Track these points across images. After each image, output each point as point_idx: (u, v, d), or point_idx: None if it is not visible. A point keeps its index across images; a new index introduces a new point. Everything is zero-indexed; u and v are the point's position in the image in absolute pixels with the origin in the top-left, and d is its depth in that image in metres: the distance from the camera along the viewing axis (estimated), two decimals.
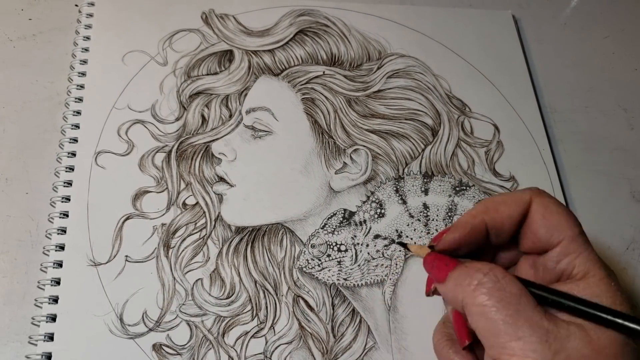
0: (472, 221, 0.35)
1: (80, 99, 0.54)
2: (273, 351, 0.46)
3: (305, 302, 0.48)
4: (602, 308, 0.30)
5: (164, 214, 0.50)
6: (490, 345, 0.30)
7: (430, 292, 0.37)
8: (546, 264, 0.35)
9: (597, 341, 0.30)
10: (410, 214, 0.51)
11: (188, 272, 0.48)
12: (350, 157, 0.53)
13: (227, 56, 0.58)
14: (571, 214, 0.35)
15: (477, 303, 0.31)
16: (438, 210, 0.51)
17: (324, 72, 0.57)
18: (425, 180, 0.53)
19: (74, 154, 0.51)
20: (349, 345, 0.46)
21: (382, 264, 0.49)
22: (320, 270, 0.49)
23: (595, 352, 0.29)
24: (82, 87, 0.55)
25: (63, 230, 0.48)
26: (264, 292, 0.48)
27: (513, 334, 0.29)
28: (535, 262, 0.36)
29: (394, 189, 0.52)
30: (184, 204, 0.50)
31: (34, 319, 0.45)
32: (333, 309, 0.48)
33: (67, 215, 0.49)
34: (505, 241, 0.37)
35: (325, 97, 0.55)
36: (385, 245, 0.50)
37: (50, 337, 0.44)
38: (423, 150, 0.55)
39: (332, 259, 0.49)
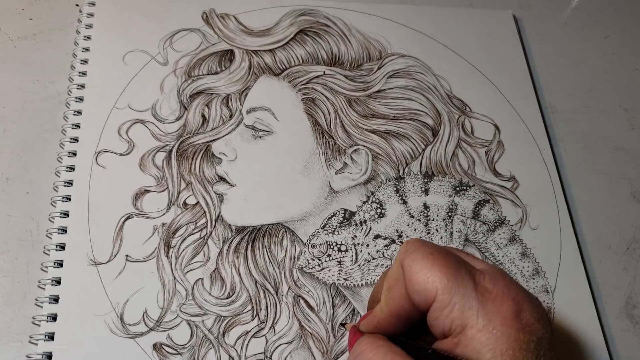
0: (377, 318, 0.35)
1: (80, 99, 0.54)
2: (273, 351, 0.46)
3: (306, 302, 0.48)
4: None
5: (164, 214, 0.50)
6: None
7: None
8: (429, 324, 0.33)
9: None
10: (410, 214, 0.51)
11: (188, 271, 0.48)
12: (351, 157, 0.53)
13: (227, 56, 0.58)
14: (440, 259, 0.32)
15: None
16: (438, 210, 0.51)
17: (324, 72, 0.57)
18: (425, 180, 0.53)
19: (74, 154, 0.51)
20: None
21: (383, 264, 0.49)
22: (321, 270, 0.49)
23: None
24: (82, 86, 0.55)
25: (63, 230, 0.48)
26: (264, 292, 0.48)
27: None
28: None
29: (394, 189, 0.52)
30: (185, 203, 0.51)
31: (34, 318, 0.45)
32: (333, 308, 0.48)
33: (68, 215, 0.49)
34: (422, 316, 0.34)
35: (326, 97, 0.55)
36: (386, 246, 0.50)
37: (51, 337, 0.44)
38: (423, 150, 0.55)
39: (333, 259, 0.49)
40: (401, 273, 0.33)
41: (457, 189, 0.53)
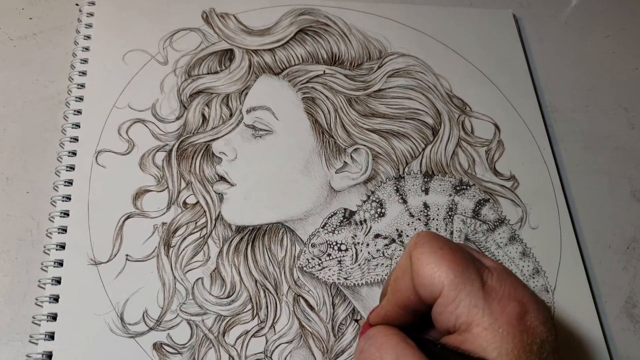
0: (385, 309, 0.35)
1: (80, 98, 0.54)
2: (273, 350, 0.46)
3: (306, 301, 0.48)
4: None
5: (164, 213, 0.50)
6: None
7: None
8: (434, 318, 0.33)
9: None
10: (410, 213, 0.51)
11: (188, 271, 0.48)
12: (351, 156, 0.53)
13: (227, 55, 0.58)
14: (448, 254, 0.32)
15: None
16: (438, 209, 0.51)
17: (324, 71, 0.57)
18: (425, 179, 0.53)
19: (74, 153, 0.51)
20: (349, 344, 0.47)
21: (383, 264, 0.49)
22: (321, 269, 0.49)
23: None
24: (82, 86, 0.55)
25: (64, 229, 0.48)
26: (264, 292, 0.48)
27: None
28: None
29: (395, 188, 0.52)
30: (185, 203, 0.51)
31: (34, 318, 0.45)
32: (333, 308, 0.48)
33: (68, 214, 0.49)
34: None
35: (326, 97, 0.55)
36: (386, 245, 0.50)
37: (51, 336, 0.44)
38: (423, 149, 0.55)
39: (333, 258, 0.49)
40: (409, 265, 0.33)
41: (457, 188, 0.53)
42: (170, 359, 0.45)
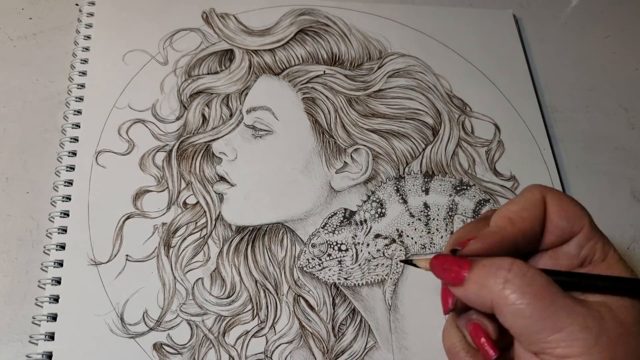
0: (502, 232, 0.34)
1: (80, 98, 0.54)
2: (274, 351, 0.46)
3: (306, 301, 0.48)
4: (634, 280, 0.32)
5: (164, 213, 0.50)
6: (531, 342, 0.30)
7: (450, 309, 0.35)
8: (569, 252, 0.35)
9: (625, 319, 0.30)
10: (410, 213, 0.51)
11: (188, 271, 0.48)
12: (351, 156, 0.53)
13: (227, 55, 0.58)
14: (579, 202, 0.36)
15: (509, 303, 0.30)
16: (439, 209, 0.51)
17: (324, 71, 0.57)
18: (425, 179, 0.53)
19: (74, 153, 0.51)
20: (349, 344, 0.46)
21: (383, 264, 0.49)
22: (321, 269, 0.49)
23: (627, 330, 0.30)
24: (82, 86, 0.55)
25: (64, 230, 0.48)
26: (264, 292, 0.48)
27: (553, 327, 0.29)
28: (555, 253, 0.35)
29: (395, 188, 0.52)
30: (185, 203, 0.50)
31: (34, 318, 0.45)
32: (334, 308, 0.48)
33: (68, 215, 0.49)
34: (534, 246, 0.35)
35: (326, 97, 0.55)
36: (386, 245, 0.50)
37: (51, 337, 0.44)
38: (424, 149, 0.55)
39: (333, 259, 0.49)
40: (541, 200, 0.34)
41: (458, 188, 0.53)
42: (171, 359, 0.45)
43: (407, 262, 0.38)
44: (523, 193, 0.36)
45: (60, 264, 0.46)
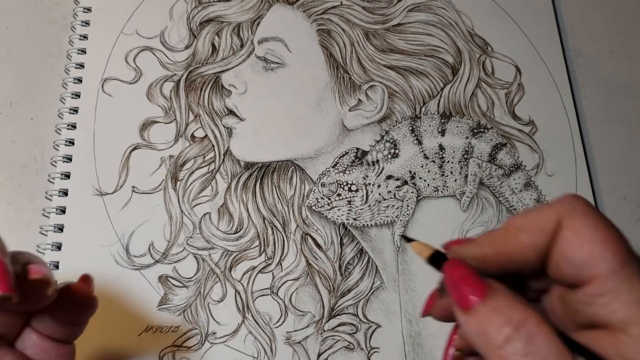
0: (486, 253, 0.28)
1: (87, 23, 0.52)
2: (280, 287, 0.45)
3: (314, 240, 0.47)
4: None
5: (172, 146, 0.49)
6: None
7: (427, 313, 0.31)
8: (575, 304, 0.27)
9: None
10: (425, 155, 0.50)
11: (196, 205, 0.47)
12: (366, 93, 0.51)
13: None
14: (614, 238, 0.26)
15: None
16: (454, 152, 0.50)
17: (341, 2, 0.54)
18: (442, 120, 0.51)
19: (80, 80, 0.50)
20: (356, 284, 0.46)
21: (393, 205, 0.48)
22: (330, 209, 0.48)
23: None
24: (89, 10, 0.52)
25: (69, 158, 0.47)
26: (272, 229, 0.47)
27: None
28: (565, 296, 0.28)
29: (410, 128, 0.51)
30: (193, 136, 0.49)
31: (39, 247, 0.44)
32: (341, 247, 0.47)
33: (73, 143, 0.47)
34: (530, 272, 0.29)
35: (342, 29, 0.53)
36: (398, 187, 0.49)
37: (56, 266, 0.43)
38: (442, 89, 0.53)
39: (342, 199, 0.48)
40: (553, 227, 0.27)
41: (475, 130, 0.51)
42: (176, 292, 0.44)
43: (408, 239, 0.34)
44: (544, 205, 0.28)
45: (65, 193, 0.46)
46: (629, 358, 0.25)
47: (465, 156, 0.50)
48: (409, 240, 0.33)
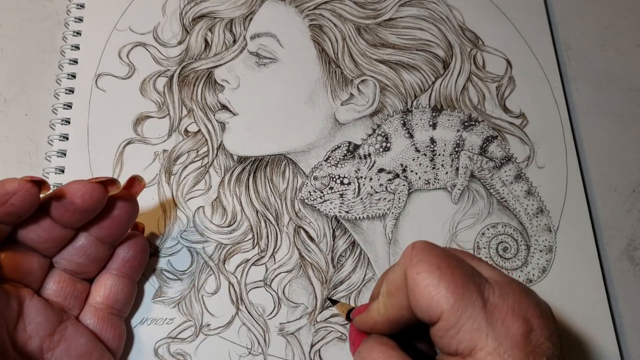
0: (375, 320, 0.34)
1: (80, 19, 0.52)
2: (273, 279, 0.46)
3: (306, 232, 0.48)
4: None
5: (165, 140, 0.49)
6: None
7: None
8: (434, 337, 0.31)
9: None
10: (416, 148, 0.50)
11: (190, 199, 0.47)
12: (358, 88, 0.52)
13: None
14: (447, 275, 0.30)
15: None
16: (445, 145, 0.50)
17: None
18: (434, 114, 0.52)
19: (73, 76, 0.50)
20: (348, 275, 0.47)
21: (385, 198, 0.49)
22: (322, 202, 0.48)
23: None
24: (82, 6, 0.53)
25: (63, 153, 0.47)
26: (265, 222, 0.47)
27: None
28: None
29: (401, 122, 0.51)
30: (186, 130, 0.50)
31: None
32: (333, 240, 0.48)
33: (67, 138, 0.48)
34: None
35: (334, 24, 0.53)
36: (389, 180, 0.49)
37: None
38: (433, 82, 0.53)
39: (335, 192, 0.49)
40: (404, 282, 0.31)
41: (466, 123, 0.52)
42: (170, 285, 0.45)
43: (332, 301, 0.45)
44: (395, 266, 0.33)
45: None
46: None
47: (457, 149, 0.50)
48: (333, 302, 0.44)
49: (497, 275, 0.32)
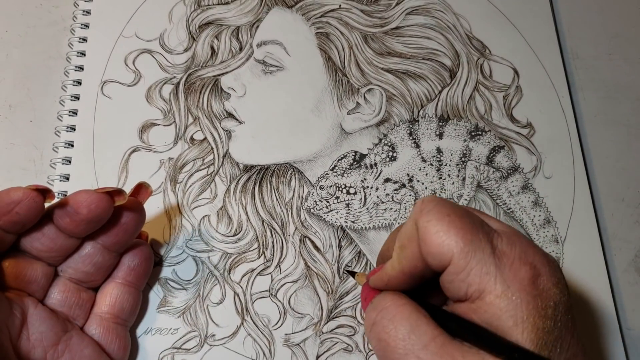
0: (390, 275, 0.34)
1: (86, 25, 0.52)
2: (279, 289, 0.46)
3: (312, 242, 0.47)
4: (489, 337, 0.29)
5: (171, 148, 0.49)
6: None
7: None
8: (444, 283, 0.32)
9: None
10: (423, 158, 0.50)
11: (195, 208, 0.47)
12: (364, 97, 0.51)
13: None
14: (456, 222, 0.31)
15: (372, 345, 0.32)
16: (452, 155, 0.50)
17: (340, 5, 0.54)
18: (440, 123, 0.51)
19: (79, 83, 0.50)
20: (354, 286, 0.46)
21: (391, 208, 0.48)
22: (328, 212, 0.48)
23: None
24: (88, 12, 0.52)
25: (68, 161, 0.47)
26: (271, 231, 0.47)
27: None
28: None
29: (408, 131, 0.51)
30: (192, 138, 0.49)
31: None
32: (339, 250, 0.47)
33: (72, 145, 0.48)
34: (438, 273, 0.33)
35: (341, 32, 0.53)
36: (396, 190, 0.49)
37: None
38: (440, 92, 0.53)
39: (341, 201, 0.48)
40: (415, 232, 0.32)
41: (473, 133, 0.51)
42: (175, 295, 0.45)
43: (351, 273, 0.45)
44: (405, 223, 0.34)
45: (64, 195, 0.46)
46: (487, 321, 0.29)
47: (463, 159, 0.50)
48: (352, 274, 0.44)
49: (505, 227, 0.33)
